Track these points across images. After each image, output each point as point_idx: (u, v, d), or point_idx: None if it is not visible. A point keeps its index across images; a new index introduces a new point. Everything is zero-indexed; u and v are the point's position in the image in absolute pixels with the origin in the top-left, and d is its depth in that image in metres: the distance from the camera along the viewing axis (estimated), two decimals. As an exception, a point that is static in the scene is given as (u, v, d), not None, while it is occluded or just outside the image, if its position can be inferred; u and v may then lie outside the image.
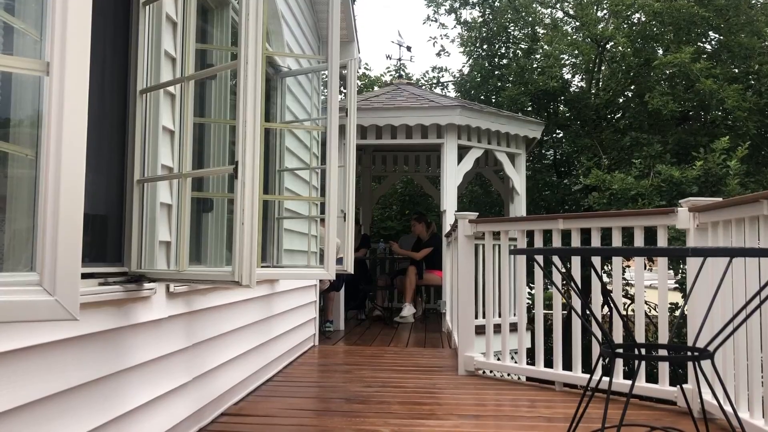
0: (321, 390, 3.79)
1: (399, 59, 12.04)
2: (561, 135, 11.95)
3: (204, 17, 3.27)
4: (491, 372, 4.32)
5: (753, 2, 10.40)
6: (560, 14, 12.61)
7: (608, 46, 11.18)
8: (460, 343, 4.38)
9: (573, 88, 12.14)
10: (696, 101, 9.81)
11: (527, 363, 4.06)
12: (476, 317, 4.51)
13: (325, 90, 5.64)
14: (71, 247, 1.35)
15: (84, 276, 1.96)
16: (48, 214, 1.33)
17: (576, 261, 3.67)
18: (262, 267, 3.94)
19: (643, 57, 10.39)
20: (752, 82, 10.20)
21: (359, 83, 14.99)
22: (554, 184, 11.49)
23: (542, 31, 12.01)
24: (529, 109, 11.73)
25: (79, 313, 1.36)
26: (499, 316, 4.39)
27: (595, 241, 3.61)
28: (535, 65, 11.49)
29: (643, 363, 3.22)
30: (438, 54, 14.76)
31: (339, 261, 3.60)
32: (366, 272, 8.24)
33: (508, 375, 4.28)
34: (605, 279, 11.64)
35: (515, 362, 4.38)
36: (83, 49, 1.37)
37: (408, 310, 7.52)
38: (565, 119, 11.70)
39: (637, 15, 11.02)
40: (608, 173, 8.68)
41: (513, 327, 4.65)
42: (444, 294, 7.10)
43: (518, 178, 7.54)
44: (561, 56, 11.24)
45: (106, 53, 2.30)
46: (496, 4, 12.40)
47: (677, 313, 10.64)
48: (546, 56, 11.04)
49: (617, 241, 3.49)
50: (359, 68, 14.92)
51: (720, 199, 2.98)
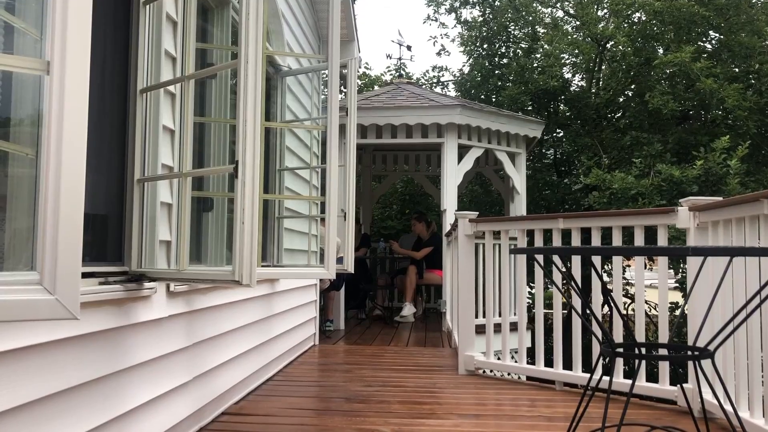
0: (321, 389, 3.79)
1: (399, 58, 12.09)
2: (561, 134, 11.95)
3: (204, 16, 3.27)
4: (491, 371, 4.32)
5: (753, 1, 10.39)
6: (560, 13, 12.61)
7: (608, 46, 11.17)
8: (461, 343, 4.38)
9: (573, 88, 12.15)
10: (696, 100, 9.81)
11: (527, 362, 4.06)
12: (476, 316, 4.51)
13: (326, 89, 5.64)
14: (71, 247, 1.35)
15: (84, 275, 1.96)
16: (48, 214, 1.33)
17: (576, 260, 3.67)
18: (263, 266, 3.94)
19: (644, 56, 10.39)
20: (752, 82, 10.20)
21: (359, 82, 14.99)
22: (554, 184, 11.49)
23: (542, 31, 12.00)
24: (530, 109, 11.73)
25: (80, 313, 1.36)
26: (500, 316, 4.39)
27: (596, 241, 3.61)
28: (536, 64, 11.49)
29: (644, 362, 3.22)
30: (438, 53, 14.81)
31: (339, 260, 3.61)
32: (366, 271, 8.24)
33: (509, 374, 4.28)
34: (605, 278, 11.64)
35: (515, 362, 4.38)
36: (83, 49, 1.37)
37: (408, 310, 7.52)
38: (566, 118, 11.70)
39: (638, 14, 11.02)
40: (608, 172, 8.68)
41: (513, 326, 4.65)
42: (444, 293, 7.10)
43: (518, 178, 7.54)
44: (561, 55, 11.24)
45: (107, 52, 2.30)
46: (497, 4, 12.40)
47: (677, 313, 10.64)
48: (546, 55, 11.04)
49: (617, 241, 3.49)
50: (359, 68, 14.92)
51: (720, 199, 2.98)
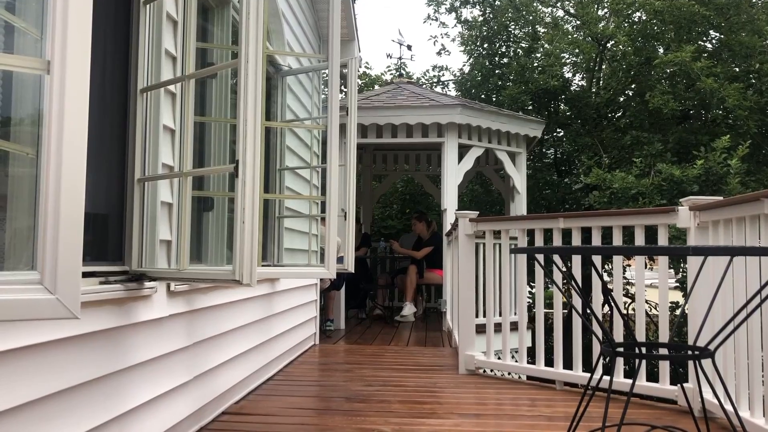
0: (322, 389, 3.79)
1: (399, 58, 12.09)
2: (561, 134, 11.95)
3: (204, 16, 3.27)
4: (492, 371, 4.32)
5: (754, 1, 10.39)
6: (561, 13, 12.60)
7: (609, 45, 11.17)
8: (461, 342, 4.38)
9: (574, 87, 12.14)
10: (697, 100, 9.80)
11: (528, 362, 4.06)
12: (477, 316, 4.51)
13: (326, 89, 5.64)
14: (72, 246, 1.35)
15: (85, 275, 1.96)
16: (49, 213, 1.33)
17: (577, 260, 3.67)
18: (263, 266, 3.94)
19: (644, 56, 10.38)
20: (753, 81, 10.19)
21: (360, 82, 14.99)
22: (555, 183, 11.49)
23: (543, 30, 12.00)
24: (530, 108, 11.73)
25: (80, 312, 1.36)
26: (500, 315, 4.39)
27: (596, 240, 3.61)
28: (536, 64, 11.48)
29: (644, 362, 3.22)
30: (438, 53, 14.80)
31: (340, 260, 3.60)
32: (367, 271, 8.24)
33: (509, 374, 4.28)
34: (606, 278, 11.64)
35: (516, 361, 4.38)
36: (84, 48, 1.37)
37: (409, 309, 7.52)
38: (566, 118, 11.70)
39: (638, 14, 11.01)
40: (609, 172, 8.68)
41: (514, 326, 4.65)
42: (444, 293, 7.10)
43: (519, 177, 7.54)
44: (561, 55, 11.23)
45: (107, 52, 2.30)
46: (497, 3, 12.39)
47: (678, 312, 10.64)
48: (546, 55, 11.03)
49: (618, 240, 3.49)
50: (360, 67, 14.92)
51: (721, 198, 2.98)
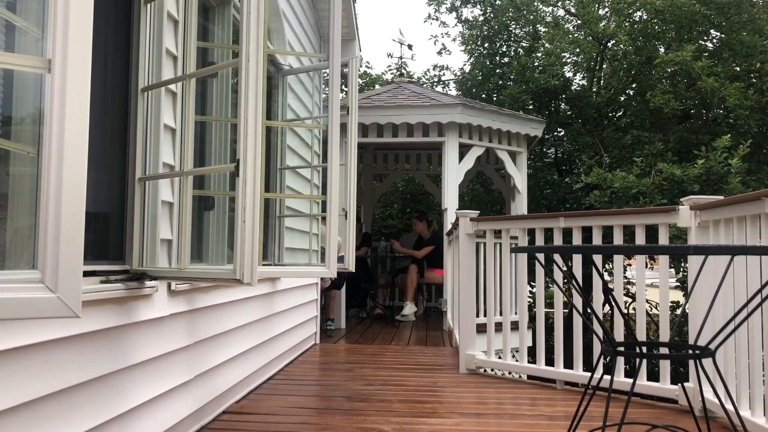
0: (322, 388, 3.80)
1: (400, 57, 12.07)
2: (562, 133, 11.94)
3: (205, 15, 3.27)
4: (492, 370, 4.32)
5: (754, 0, 10.37)
6: (561, 12, 12.60)
7: (610, 44, 11.16)
8: (462, 342, 4.38)
9: (574, 87, 12.13)
10: (697, 99, 9.79)
11: (528, 361, 4.06)
12: (477, 315, 4.51)
13: (327, 88, 5.64)
14: (73, 245, 1.35)
15: (86, 274, 1.97)
16: (50, 212, 1.33)
17: (577, 259, 3.67)
18: (264, 265, 3.94)
19: (645, 55, 10.37)
20: (754, 81, 10.18)
21: (360, 81, 14.98)
22: (555, 183, 11.48)
23: (543, 30, 11.99)
24: (531, 108, 11.72)
25: (81, 311, 1.36)
26: (501, 315, 4.39)
27: (597, 240, 3.61)
28: (537, 63, 11.47)
29: (645, 361, 3.22)
30: (439, 52, 14.79)
31: (340, 259, 3.60)
32: (367, 270, 8.24)
33: (510, 373, 4.28)
34: (606, 277, 11.63)
35: (516, 360, 4.38)
36: (85, 47, 1.37)
37: (409, 309, 7.52)
38: (567, 117, 11.69)
39: (639, 13, 11.00)
40: (609, 171, 8.67)
41: (514, 325, 4.65)
42: (445, 292, 7.10)
43: (519, 177, 7.54)
44: (562, 54, 11.22)
45: (108, 51, 2.31)
46: (497, 3, 12.38)
47: (678, 312, 10.63)
48: (547, 54, 11.03)
49: (618, 240, 3.49)
50: (360, 66, 14.91)
51: (721, 198, 2.97)
